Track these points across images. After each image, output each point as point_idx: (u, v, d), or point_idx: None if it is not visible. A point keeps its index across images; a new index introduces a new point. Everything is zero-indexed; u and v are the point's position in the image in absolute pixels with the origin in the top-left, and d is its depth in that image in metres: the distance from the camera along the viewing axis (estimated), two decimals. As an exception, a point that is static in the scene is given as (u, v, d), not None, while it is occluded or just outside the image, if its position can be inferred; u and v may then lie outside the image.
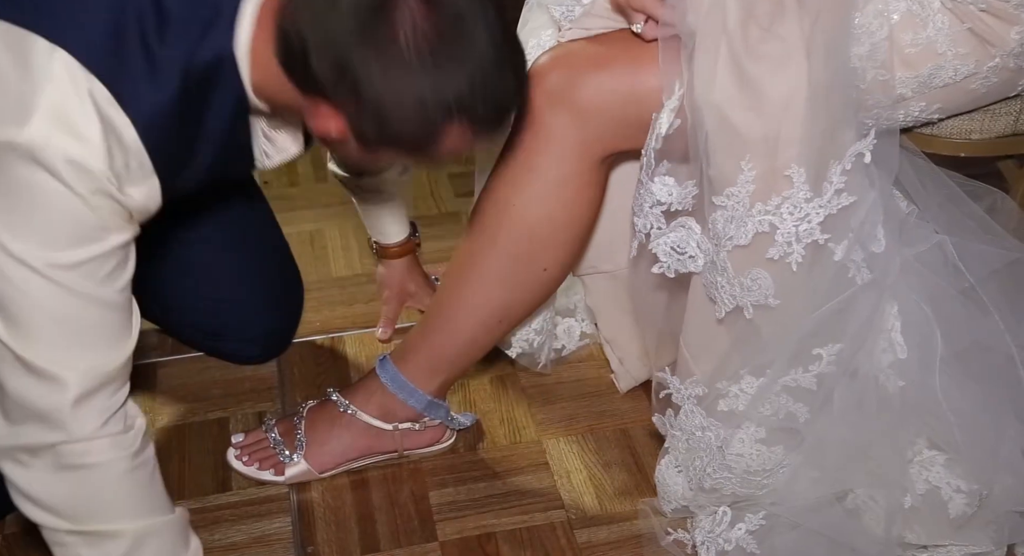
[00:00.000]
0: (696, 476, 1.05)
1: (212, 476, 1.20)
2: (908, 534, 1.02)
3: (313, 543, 1.13)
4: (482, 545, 1.12)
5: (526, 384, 1.33)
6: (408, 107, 0.81)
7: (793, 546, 1.01)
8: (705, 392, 1.02)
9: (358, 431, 1.16)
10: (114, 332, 0.87)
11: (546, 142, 1.00)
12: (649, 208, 0.98)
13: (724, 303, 0.96)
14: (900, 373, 0.96)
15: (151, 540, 0.90)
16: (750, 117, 0.90)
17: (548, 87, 0.99)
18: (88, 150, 0.80)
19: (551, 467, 1.21)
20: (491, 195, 1.06)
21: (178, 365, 1.36)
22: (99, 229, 0.83)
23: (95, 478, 0.87)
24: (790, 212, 0.91)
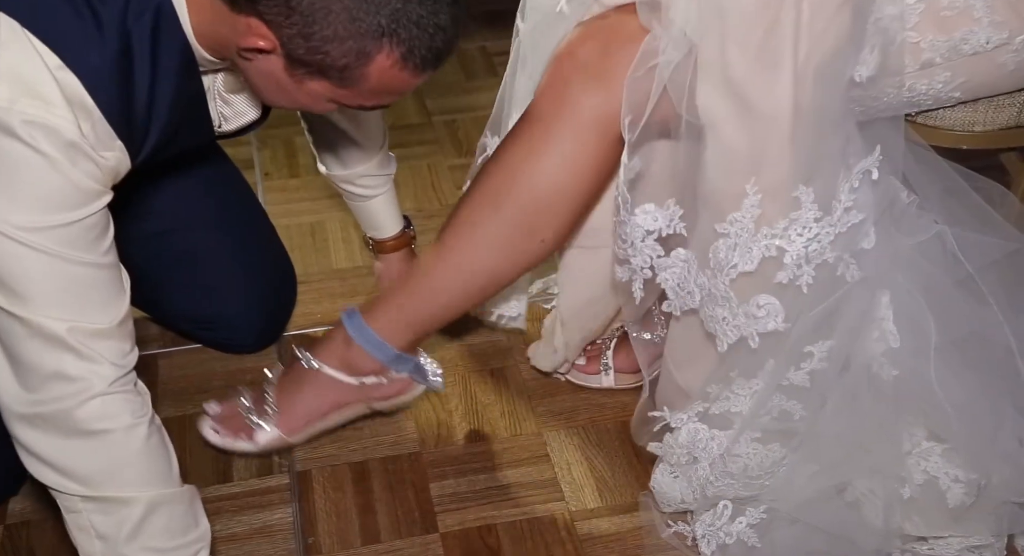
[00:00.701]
0: (699, 485, 1.05)
1: (213, 467, 1.20)
2: (907, 525, 1.02)
3: (314, 534, 1.13)
4: (483, 537, 1.12)
5: (527, 377, 1.33)
6: (339, 22, 0.80)
7: (793, 539, 1.02)
8: (706, 407, 1.02)
9: (323, 386, 1.13)
10: (106, 291, 0.87)
11: (570, 112, 0.98)
12: (641, 242, 0.97)
13: (727, 335, 0.95)
14: (893, 362, 0.96)
15: (163, 509, 0.90)
16: (756, 140, 0.89)
17: (580, 58, 0.97)
18: (54, 112, 0.80)
19: (552, 459, 1.21)
20: (501, 161, 1.03)
21: (179, 356, 1.36)
22: (74, 193, 0.83)
23: (111, 443, 0.87)
24: (799, 234, 0.90)
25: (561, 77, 0.99)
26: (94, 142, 0.84)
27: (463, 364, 1.35)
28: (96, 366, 0.86)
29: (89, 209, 0.85)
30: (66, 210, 0.83)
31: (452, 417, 1.27)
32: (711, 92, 0.90)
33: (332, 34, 0.81)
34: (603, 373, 1.30)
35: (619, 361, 1.29)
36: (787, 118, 0.88)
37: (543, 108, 1.00)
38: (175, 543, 0.90)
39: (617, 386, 1.30)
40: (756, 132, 0.89)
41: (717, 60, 0.89)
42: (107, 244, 0.88)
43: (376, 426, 1.26)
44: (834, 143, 0.90)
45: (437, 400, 1.30)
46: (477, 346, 1.37)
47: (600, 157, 1.00)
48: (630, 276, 1.01)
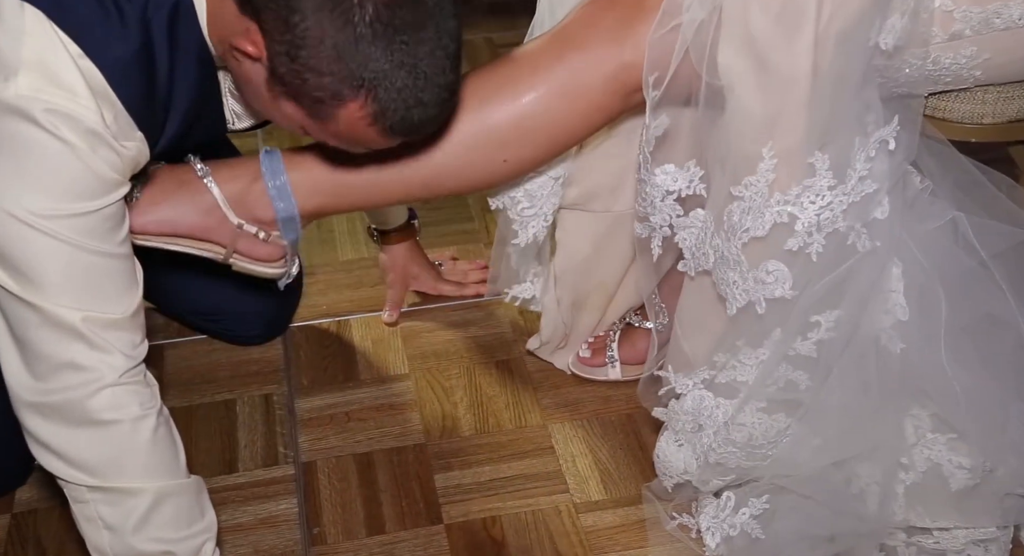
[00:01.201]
0: (702, 452, 1.04)
1: (219, 458, 1.21)
2: (911, 515, 1.02)
3: (319, 524, 1.13)
4: (487, 528, 1.12)
5: (532, 369, 1.33)
6: (325, 56, 0.80)
7: (797, 529, 1.01)
8: (712, 375, 1.01)
9: (199, 207, 1.01)
10: (120, 282, 0.88)
11: (592, 53, 0.96)
12: (661, 201, 0.96)
13: (736, 299, 0.94)
14: (902, 335, 0.95)
15: (170, 500, 0.90)
16: (773, 103, 0.88)
17: (619, 5, 0.95)
18: (78, 101, 0.81)
19: (556, 451, 1.21)
20: (509, 64, 1.00)
21: (185, 347, 1.36)
22: (93, 182, 0.84)
23: (119, 433, 0.88)
24: (811, 201, 0.89)
25: (595, 13, 0.96)
26: (116, 132, 0.84)
27: (468, 356, 1.35)
28: (108, 356, 0.86)
29: (108, 199, 0.85)
30: (85, 199, 0.84)
31: (457, 409, 1.27)
32: (732, 52, 0.89)
33: (315, 65, 0.81)
34: (609, 365, 1.30)
35: (624, 353, 1.29)
36: (805, 81, 0.87)
37: (567, 33, 0.98)
38: (181, 534, 0.91)
39: (624, 378, 1.30)
40: (773, 94, 0.88)
41: (740, 19, 0.88)
42: (123, 235, 0.88)
43: (381, 417, 1.26)
44: (852, 110, 0.88)
45: (442, 392, 1.30)
46: (482, 338, 1.37)
47: (602, 103, 0.97)
48: (649, 233, 1.00)
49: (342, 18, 0.79)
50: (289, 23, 0.80)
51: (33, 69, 0.80)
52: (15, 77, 0.79)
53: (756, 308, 0.93)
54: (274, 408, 1.27)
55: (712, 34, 0.90)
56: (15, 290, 0.84)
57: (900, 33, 0.88)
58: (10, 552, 1.12)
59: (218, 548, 0.95)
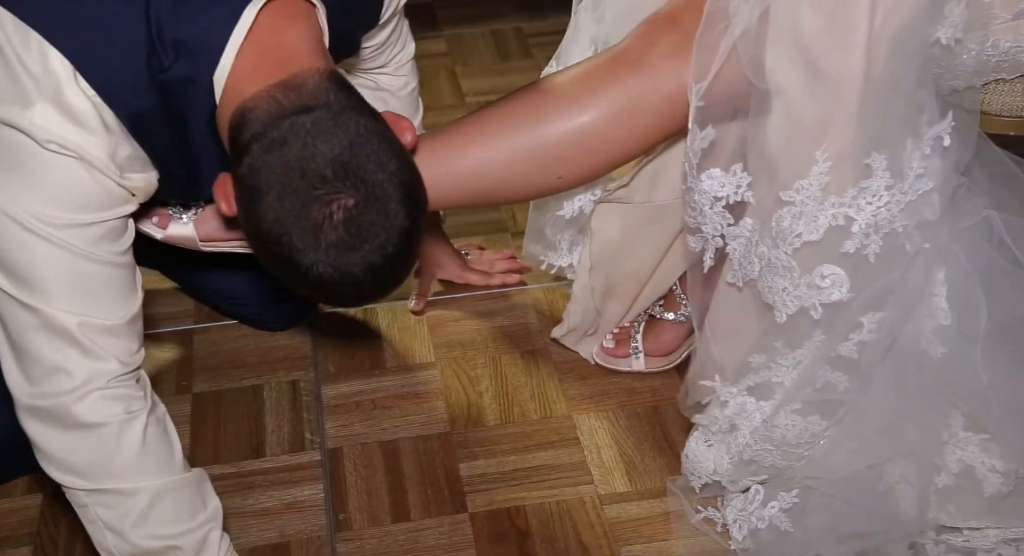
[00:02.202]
0: (736, 451, 1.04)
1: (247, 442, 1.22)
2: (941, 515, 1.01)
3: (345, 510, 1.14)
4: (511, 518, 1.13)
5: (558, 359, 1.33)
6: (265, 244, 0.80)
7: (826, 525, 1.01)
8: (757, 382, 1.01)
9: None
10: (119, 290, 0.89)
11: (650, 71, 0.96)
12: (710, 209, 0.95)
13: (787, 306, 0.93)
14: (942, 340, 0.94)
15: (168, 497, 0.91)
16: (824, 106, 0.87)
17: (681, 25, 0.95)
18: (89, 137, 0.82)
19: (581, 442, 1.21)
20: (567, 82, 1.00)
21: (215, 332, 1.37)
22: (100, 198, 0.85)
23: (107, 436, 0.88)
24: (868, 202, 0.88)
25: (654, 34, 0.96)
26: (127, 168, 0.85)
27: (494, 345, 1.35)
28: (101, 363, 0.87)
29: (113, 213, 0.86)
30: (91, 210, 0.84)
31: (482, 398, 1.28)
32: (780, 55, 0.88)
33: (259, 248, 0.82)
34: (633, 356, 1.30)
35: (648, 344, 1.29)
36: (857, 85, 0.86)
37: (628, 54, 0.97)
38: (183, 528, 0.92)
39: (648, 369, 1.29)
40: (824, 98, 0.87)
41: (788, 21, 0.87)
42: (126, 245, 0.89)
43: (407, 405, 1.27)
44: (905, 109, 0.87)
45: (468, 382, 1.30)
46: (508, 328, 1.37)
47: (658, 122, 0.98)
48: (702, 245, 1.00)
49: (301, 220, 0.77)
50: (251, 211, 0.79)
51: (52, 102, 0.81)
52: (33, 106, 0.81)
53: (811, 314, 0.92)
54: (301, 394, 1.28)
55: (759, 37, 0.88)
56: (14, 293, 0.85)
57: (960, 22, 0.87)
58: (43, 531, 1.13)
59: (226, 533, 0.96)
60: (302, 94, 0.80)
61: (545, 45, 1.87)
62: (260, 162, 0.78)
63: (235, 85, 0.83)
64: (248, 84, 0.82)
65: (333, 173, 0.77)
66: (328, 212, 0.77)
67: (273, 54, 0.83)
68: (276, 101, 0.80)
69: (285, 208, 0.77)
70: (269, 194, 0.78)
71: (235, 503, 1.14)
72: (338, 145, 0.78)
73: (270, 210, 0.78)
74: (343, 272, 0.79)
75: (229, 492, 1.15)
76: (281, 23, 0.84)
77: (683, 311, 1.27)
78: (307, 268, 0.78)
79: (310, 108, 0.79)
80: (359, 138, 0.79)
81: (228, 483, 1.16)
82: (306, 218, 0.77)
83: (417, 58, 1.23)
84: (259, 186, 0.78)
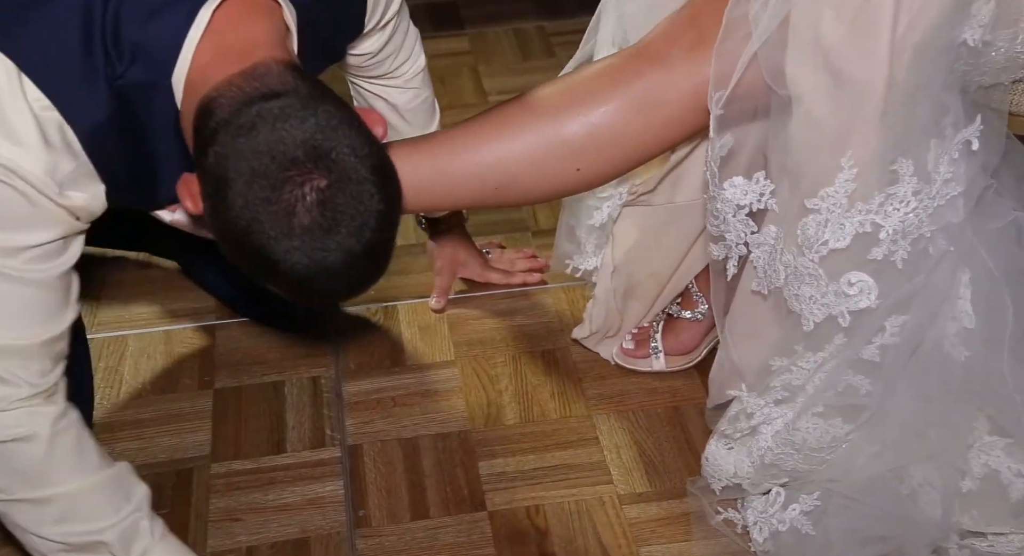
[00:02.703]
0: (758, 455, 1.03)
1: (267, 438, 1.23)
2: (964, 519, 1.00)
3: (364, 507, 1.14)
4: (530, 517, 1.13)
5: (577, 359, 1.32)
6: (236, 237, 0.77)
7: (848, 527, 1.00)
8: (785, 395, 1.00)
9: None
10: (41, 310, 0.86)
11: (671, 69, 0.95)
12: (733, 217, 0.95)
13: (813, 314, 0.92)
14: (966, 343, 0.93)
15: (85, 499, 0.90)
16: (846, 113, 0.86)
17: (702, 23, 0.94)
18: (24, 153, 0.79)
19: (601, 442, 1.21)
20: (583, 78, 1.00)
21: (236, 328, 1.38)
22: (33, 220, 0.82)
23: (18, 451, 0.87)
24: (896, 208, 0.87)
25: (675, 31, 0.96)
26: (67, 183, 0.82)
27: (514, 345, 1.35)
28: (7, 388, 0.85)
29: (49, 235, 0.83)
30: (22, 232, 0.81)
31: (502, 397, 1.28)
32: (801, 62, 0.87)
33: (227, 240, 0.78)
34: (653, 356, 1.29)
35: (668, 343, 1.29)
36: (880, 91, 0.85)
37: (648, 50, 0.97)
38: (105, 523, 0.91)
39: (668, 369, 1.29)
40: (847, 106, 0.86)
41: (810, 28, 0.86)
42: (64, 266, 0.86)
43: (427, 403, 1.27)
44: (930, 113, 0.86)
45: (488, 380, 1.30)
46: (528, 327, 1.37)
47: (677, 117, 0.97)
48: (726, 254, 0.99)
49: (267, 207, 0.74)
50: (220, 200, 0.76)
51: None
52: None
53: (839, 321, 0.91)
54: (322, 391, 1.29)
55: (779, 44, 0.88)
56: None
57: (989, 21, 0.86)
58: None
59: (158, 518, 0.95)
60: (267, 82, 0.78)
61: (567, 44, 1.87)
62: (227, 149, 0.75)
63: (194, 82, 0.81)
64: (208, 77, 0.80)
65: (304, 155, 0.74)
66: (300, 194, 0.74)
67: (232, 47, 0.81)
68: (239, 89, 0.77)
69: (255, 193, 0.74)
70: (238, 181, 0.74)
71: (256, 498, 1.15)
72: (308, 129, 0.75)
73: (239, 196, 0.74)
74: (318, 261, 0.75)
75: (250, 487, 1.16)
76: (240, 17, 0.82)
77: (700, 309, 1.27)
78: (280, 257, 0.75)
79: (278, 94, 0.76)
80: (330, 122, 0.75)
81: (249, 479, 1.17)
82: (277, 201, 0.74)
83: (439, 56, 1.24)
84: (227, 174, 0.75)
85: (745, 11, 0.90)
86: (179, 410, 1.26)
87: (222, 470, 1.18)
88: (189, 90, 0.82)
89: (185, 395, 1.28)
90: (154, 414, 1.25)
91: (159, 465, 1.18)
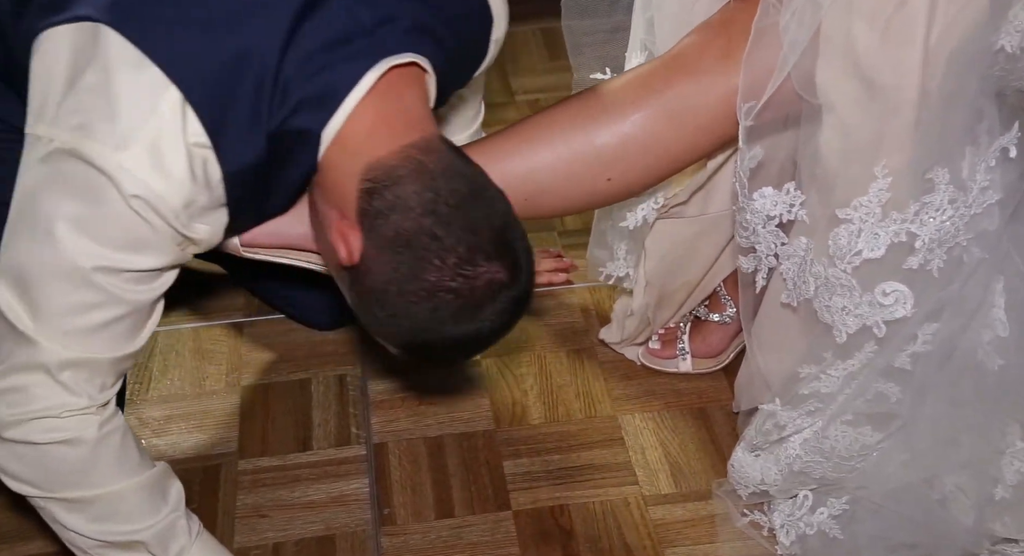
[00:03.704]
0: (786, 463, 1.02)
1: (294, 435, 1.23)
2: (997, 526, 0.99)
3: (389, 505, 1.15)
4: (555, 517, 1.12)
5: (603, 359, 1.32)
6: (395, 323, 0.85)
7: (877, 533, 0.99)
8: (818, 406, 0.99)
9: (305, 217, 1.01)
10: (123, 331, 0.87)
11: (705, 70, 0.95)
12: (763, 228, 0.94)
13: (847, 325, 0.91)
14: (1000, 351, 0.92)
15: (125, 500, 0.91)
16: (879, 123, 0.85)
17: (732, 31, 0.94)
18: (168, 187, 0.81)
19: (626, 442, 1.21)
20: (614, 87, 1.00)
21: (263, 325, 1.39)
22: (154, 247, 0.84)
23: (62, 453, 0.88)
24: (931, 217, 0.86)
25: (706, 40, 0.96)
26: (197, 216, 0.84)
27: (539, 344, 1.35)
28: (69, 397, 0.86)
29: (161, 261, 0.85)
30: (139, 255, 0.83)
31: (527, 397, 1.27)
32: (833, 71, 0.86)
33: (384, 321, 0.86)
34: (680, 357, 1.28)
35: (695, 346, 1.28)
36: (913, 101, 0.84)
37: (679, 59, 0.97)
38: (144, 524, 0.92)
39: (694, 370, 1.28)
40: (879, 114, 0.85)
41: (841, 36, 0.85)
42: (160, 290, 0.88)
43: (452, 402, 1.27)
44: (964, 120, 0.85)
45: (513, 380, 1.30)
46: (554, 327, 1.37)
47: (709, 124, 0.96)
48: (755, 266, 0.98)
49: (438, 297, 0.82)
50: (377, 277, 0.84)
51: (145, 148, 0.79)
52: (126, 149, 0.79)
53: (874, 331, 0.90)
54: (347, 389, 1.29)
55: (811, 53, 0.87)
56: (15, 314, 0.83)
57: None
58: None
59: (193, 516, 0.96)
60: (442, 158, 0.83)
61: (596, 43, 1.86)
62: (414, 225, 0.81)
63: (346, 139, 0.84)
64: (374, 143, 0.84)
65: (494, 249, 0.82)
66: (489, 294, 0.83)
67: (397, 116, 0.85)
68: (419, 162, 0.82)
69: (444, 283, 0.82)
70: (428, 268, 0.81)
71: (281, 495, 1.16)
72: (496, 217, 0.84)
73: (424, 280, 0.81)
74: (476, 339, 0.85)
75: (276, 484, 1.17)
76: (401, 85, 0.86)
77: (728, 312, 1.26)
78: (442, 338, 0.84)
79: (461, 175, 0.84)
80: (507, 212, 0.86)
81: (275, 475, 1.18)
82: (466, 296, 0.82)
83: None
84: (417, 253, 0.81)
85: (775, 21, 0.89)
86: (206, 407, 1.27)
87: (249, 467, 1.19)
88: (339, 145, 0.85)
89: (212, 392, 1.29)
90: (182, 411, 1.26)
91: (187, 461, 1.19)
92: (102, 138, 0.79)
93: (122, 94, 0.80)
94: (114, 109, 0.80)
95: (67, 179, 0.81)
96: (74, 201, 0.81)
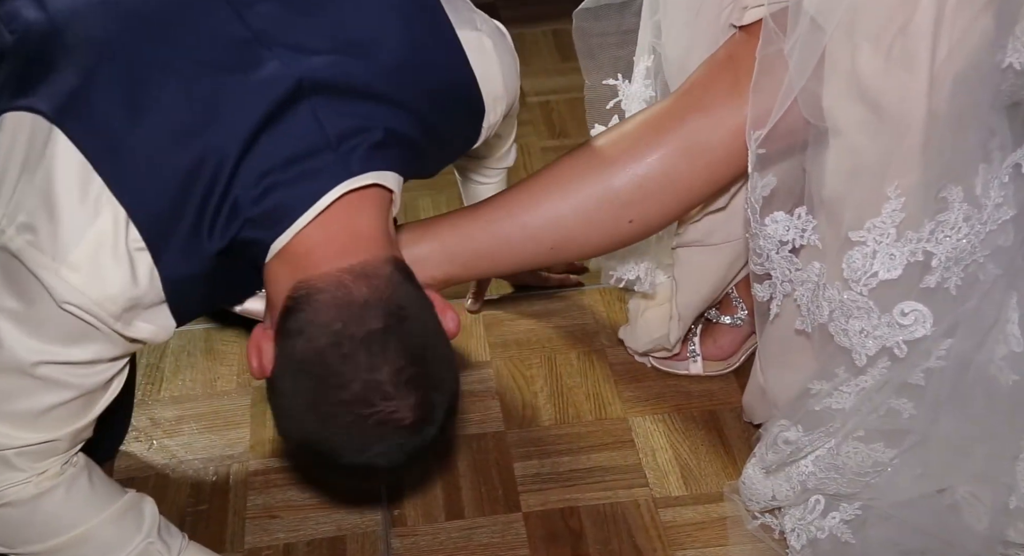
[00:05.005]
0: (799, 480, 1.02)
1: (304, 436, 1.24)
2: (1010, 532, 0.98)
3: (400, 506, 1.15)
4: (565, 518, 1.12)
5: (614, 361, 1.32)
6: (291, 428, 0.86)
7: (889, 538, 0.98)
8: (834, 428, 0.98)
9: None
10: (78, 410, 0.87)
11: (715, 104, 0.95)
12: (776, 254, 0.94)
13: (866, 347, 0.90)
14: (1013, 367, 0.91)
15: (94, 537, 0.91)
16: (887, 145, 0.84)
17: (738, 64, 0.95)
18: (107, 295, 0.80)
19: (636, 445, 1.21)
20: (627, 130, 1.01)
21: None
22: (89, 338, 0.83)
23: (16, 514, 0.88)
24: (947, 235, 0.85)
25: (713, 74, 0.97)
26: (136, 316, 0.83)
27: (550, 346, 1.35)
28: (12, 473, 0.86)
29: (106, 354, 0.84)
30: (83, 350, 0.83)
31: (537, 398, 1.27)
32: (838, 94, 0.86)
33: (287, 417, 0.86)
34: (691, 360, 1.28)
35: (706, 348, 1.28)
36: (921, 123, 0.83)
37: (687, 97, 0.98)
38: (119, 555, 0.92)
39: (705, 373, 1.28)
40: (886, 136, 0.84)
41: (846, 60, 0.84)
42: (110, 372, 0.87)
43: (462, 404, 1.27)
44: (974, 138, 0.85)
45: (523, 381, 1.30)
46: (565, 328, 1.37)
47: (722, 159, 0.97)
48: (771, 293, 0.98)
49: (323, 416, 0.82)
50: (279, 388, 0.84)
51: (84, 257, 0.78)
52: (65, 267, 0.78)
53: (895, 352, 0.90)
54: (358, 390, 1.30)
55: (815, 76, 0.87)
56: None
57: None
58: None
59: (176, 536, 0.97)
60: (374, 286, 0.81)
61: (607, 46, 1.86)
62: (316, 354, 0.80)
63: (292, 256, 0.83)
64: (312, 261, 0.82)
65: (394, 389, 0.81)
66: (381, 433, 0.82)
67: (345, 236, 0.83)
68: (345, 288, 0.80)
69: (340, 413, 0.81)
70: (327, 391, 0.81)
71: (293, 496, 1.16)
72: (410, 359, 0.81)
73: (323, 403, 0.81)
74: (376, 464, 0.84)
75: (287, 485, 1.17)
76: (357, 207, 0.84)
77: (739, 315, 1.26)
78: (345, 458, 0.84)
79: (384, 307, 0.81)
80: (432, 349, 0.84)
81: (287, 476, 1.18)
82: (362, 428, 0.81)
83: (478, 58, 1.23)
84: (311, 374, 0.81)
85: (779, 48, 0.89)
86: (218, 407, 1.27)
87: (260, 467, 1.19)
88: (280, 258, 0.84)
89: (224, 393, 1.30)
90: (194, 411, 1.27)
91: (198, 462, 1.20)
92: (41, 246, 0.78)
93: (63, 205, 0.78)
94: (55, 217, 0.78)
95: (8, 274, 0.81)
96: (12, 298, 0.81)
